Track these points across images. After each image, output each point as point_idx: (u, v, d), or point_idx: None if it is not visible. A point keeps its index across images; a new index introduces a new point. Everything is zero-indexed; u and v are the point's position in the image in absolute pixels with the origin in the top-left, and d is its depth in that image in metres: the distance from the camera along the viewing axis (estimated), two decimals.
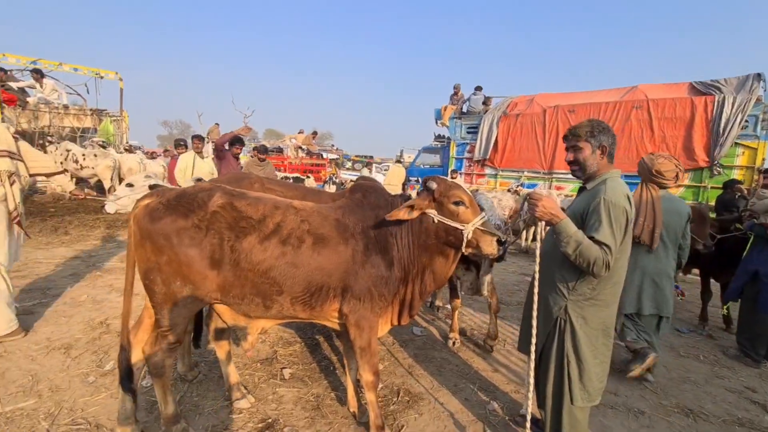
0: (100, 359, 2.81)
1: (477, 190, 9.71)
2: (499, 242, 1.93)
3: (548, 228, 1.83)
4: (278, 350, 3.15)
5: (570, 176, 9.28)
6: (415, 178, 12.76)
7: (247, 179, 2.50)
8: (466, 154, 11.12)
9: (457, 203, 1.95)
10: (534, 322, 1.80)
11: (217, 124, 17.87)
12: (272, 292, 1.86)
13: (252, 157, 6.59)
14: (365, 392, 2.11)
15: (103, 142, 10.17)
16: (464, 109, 11.52)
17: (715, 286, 4.44)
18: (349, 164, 26.95)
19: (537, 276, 1.81)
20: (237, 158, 5.78)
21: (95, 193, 10.37)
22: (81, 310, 3.64)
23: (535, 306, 1.80)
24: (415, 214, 1.96)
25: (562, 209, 1.81)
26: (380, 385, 2.70)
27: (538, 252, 1.81)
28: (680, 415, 2.61)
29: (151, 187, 2.74)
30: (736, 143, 7.42)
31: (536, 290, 1.81)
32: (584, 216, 1.74)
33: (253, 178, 2.54)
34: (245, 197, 1.91)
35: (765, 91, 7.39)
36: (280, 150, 19.42)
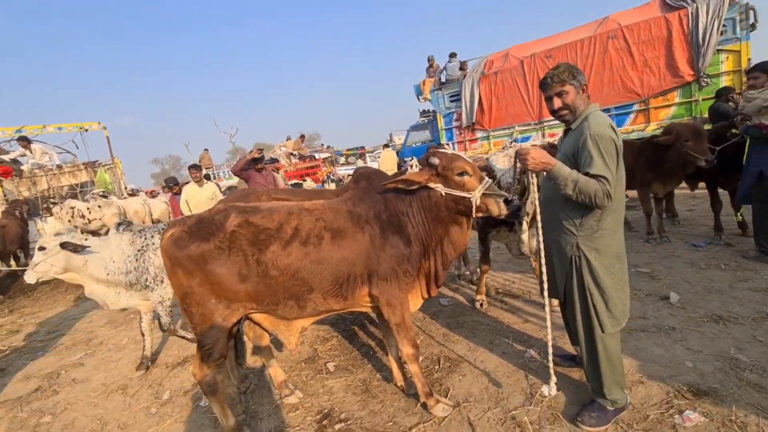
0: (156, 392, 2.97)
1: (511, 143, 9.72)
2: (506, 202, 2.01)
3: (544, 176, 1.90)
4: (318, 347, 3.29)
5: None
6: (410, 158, 12.78)
7: (254, 193, 2.59)
8: (455, 123, 11.07)
9: (461, 174, 2.02)
10: (544, 269, 1.91)
11: (206, 149, 17.97)
12: (304, 292, 1.97)
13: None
14: (408, 365, 2.23)
15: (103, 191, 10.34)
16: (443, 79, 11.44)
17: (724, 194, 4.49)
18: (342, 159, 26.95)
19: (539, 225, 1.91)
20: (260, 172, 5.74)
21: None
22: (126, 352, 3.81)
23: (542, 253, 1.90)
24: (414, 186, 2.04)
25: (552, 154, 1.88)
26: (420, 357, 2.83)
27: (537, 203, 1.91)
28: (710, 323, 2.71)
29: (62, 245, 2.85)
30: (718, 50, 7.30)
31: (541, 238, 1.93)
32: (576, 155, 1.81)
33: (259, 191, 2.63)
34: (259, 211, 2.01)
35: None
36: (274, 160, 19.50)
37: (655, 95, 8.02)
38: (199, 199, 5.67)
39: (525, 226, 3.20)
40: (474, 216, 2.06)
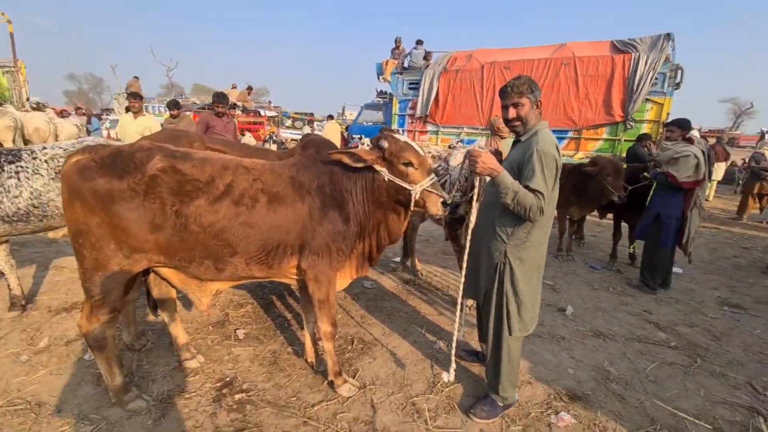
0: (31, 337, 2.62)
1: (457, 143, 9.87)
2: (444, 204, 2.03)
3: (487, 181, 1.96)
4: (230, 312, 3.14)
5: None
6: (358, 136, 12.60)
7: (186, 138, 2.32)
8: (409, 111, 11.11)
9: (406, 164, 1.99)
10: (463, 272, 2.02)
11: (136, 77, 15.97)
12: (225, 254, 1.84)
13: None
14: (323, 342, 2.22)
15: None
16: (405, 64, 11.35)
17: (624, 228, 5.09)
18: (288, 122, 25.75)
19: (471, 227, 1.99)
20: (221, 117, 5.10)
21: None
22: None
23: (466, 255, 2.00)
24: (359, 165, 1.99)
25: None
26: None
27: (474, 211, 1.97)
28: (593, 337, 3.08)
29: None
30: (646, 99, 8.19)
31: (468, 239, 2.01)
32: (520, 166, 1.89)
33: (192, 137, 2.36)
34: (189, 158, 1.81)
35: (673, 50, 8.15)
36: (211, 106, 17.96)
37: (588, 127, 8.78)
38: (128, 131, 5.01)
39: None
40: (411, 210, 2.08)
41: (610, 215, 5.38)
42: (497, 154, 2.76)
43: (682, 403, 2.33)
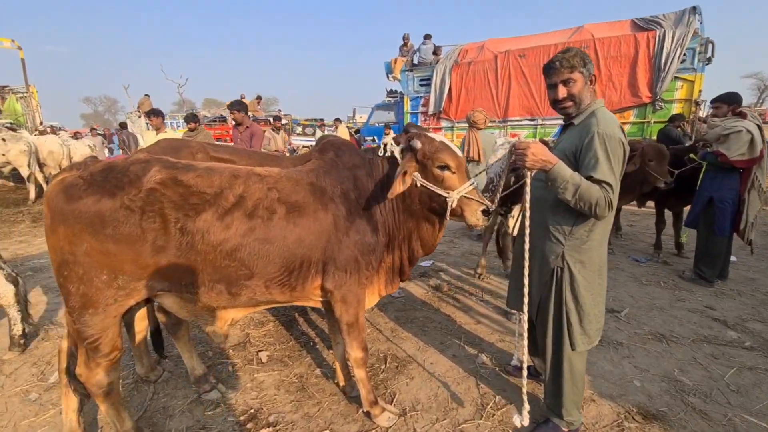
0: (42, 371, 2.45)
1: (506, 138, 9.54)
2: (485, 212, 1.75)
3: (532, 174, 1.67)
4: (250, 333, 2.92)
5: (524, 122, 9.43)
6: (371, 138, 12.38)
7: (187, 148, 2.09)
8: (421, 108, 10.83)
9: (442, 167, 1.72)
10: (526, 281, 1.68)
11: (147, 95, 16.18)
12: (240, 277, 1.59)
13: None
14: (354, 369, 1.96)
15: (11, 123, 8.80)
16: (415, 61, 11.07)
17: (667, 215, 4.68)
18: (299, 129, 25.77)
19: (527, 230, 1.68)
20: (237, 128, 4.99)
21: (12, 184, 9.14)
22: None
23: (526, 263, 1.67)
24: (410, 180, 1.73)
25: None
26: None
27: (528, 204, 1.67)
28: (654, 341, 2.73)
29: None
30: (675, 77, 7.68)
31: (527, 246, 1.68)
32: (577, 154, 1.60)
33: (193, 147, 2.12)
34: (193, 169, 1.58)
35: (701, 23, 7.62)
36: (223, 119, 18.08)
37: (613, 111, 8.31)
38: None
39: (515, 210, 3.09)
40: (447, 218, 1.81)
41: (650, 203, 4.98)
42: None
43: None
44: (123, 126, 12.88)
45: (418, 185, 1.75)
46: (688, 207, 4.10)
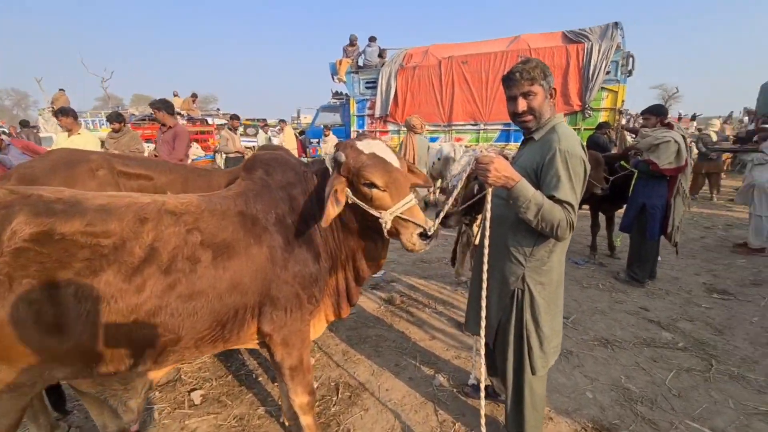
0: None
1: (467, 146, 9.42)
2: (423, 236, 1.52)
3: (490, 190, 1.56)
4: (182, 368, 2.57)
5: (468, 127, 9.67)
6: (317, 140, 12.03)
7: (86, 163, 1.67)
8: (367, 111, 10.71)
9: (368, 185, 1.51)
10: (483, 303, 1.58)
11: (61, 90, 14.43)
12: (165, 343, 1.30)
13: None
14: (300, 416, 1.74)
15: None
16: (360, 63, 10.92)
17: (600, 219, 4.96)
18: (240, 129, 24.54)
19: (486, 250, 1.56)
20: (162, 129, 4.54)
21: None
22: None
23: (484, 285, 1.57)
24: (344, 199, 1.52)
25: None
26: (316, 384, 2.36)
27: (488, 223, 1.56)
28: (600, 347, 2.81)
29: None
30: (601, 88, 8.29)
31: (485, 267, 1.56)
32: (538, 171, 1.53)
33: (94, 162, 1.67)
34: (79, 213, 1.21)
35: (623, 38, 8.29)
36: (153, 118, 16.63)
37: None
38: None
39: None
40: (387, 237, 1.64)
41: (584, 206, 5.26)
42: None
43: (716, 420, 2.09)
44: (24, 124, 11.25)
45: (349, 202, 1.56)
46: (619, 211, 4.37)
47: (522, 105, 1.57)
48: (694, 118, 17.38)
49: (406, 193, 1.53)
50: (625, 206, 4.22)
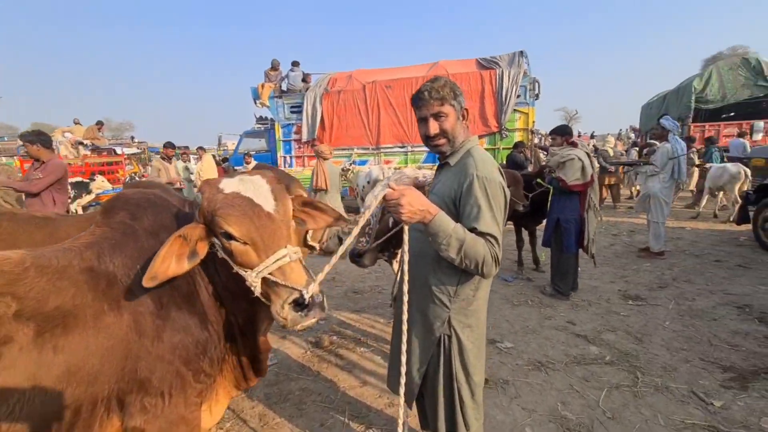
0: None
1: (350, 164, 9.12)
2: (299, 304, 1.13)
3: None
4: None
5: (396, 150, 9.75)
6: (241, 167, 11.37)
7: None
8: (294, 136, 10.41)
9: (225, 235, 1.17)
10: (403, 358, 1.32)
11: None
12: None
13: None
14: None
15: None
16: (284, 87, 10.64)
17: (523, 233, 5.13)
18: (157, 158, 22.67)
19: (406, 297, 1.35)
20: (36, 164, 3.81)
21: None
22: None
23: (404, 338, 1.34)
24: (203, 250, 1.20)
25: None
26: None
27: (406, 267, 1.35)
28: (535, 371, 2.74)
29: None
30: (514, 110, 8.90)
31: (405, 317, 1.33)
32: (456, 201, 1.38)
33: None
34: None
35: (528, 65, 9.03)
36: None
37: None
38: None
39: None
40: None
41: (508, 223, 5.42)
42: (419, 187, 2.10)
43: None
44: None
45: (219, 257, 1.24)
46: (541, 225, 4.53)
47: (434, 127, 1.42)
48: (592, 136, 19.57)
49: (278, 246, 1.17)
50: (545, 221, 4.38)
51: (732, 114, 13.97)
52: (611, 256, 5.63)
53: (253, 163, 9.40)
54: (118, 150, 15.10)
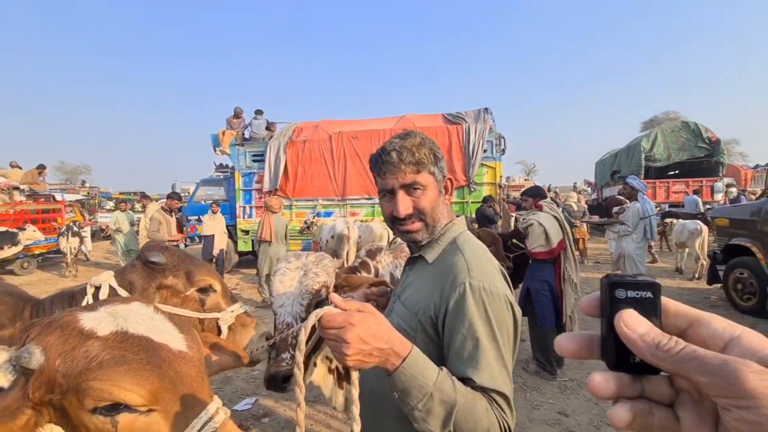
0: None
1: (314, 217, 8.46)
2: None
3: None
4: None
5: (363, 201, 9.40)
6: (196, 217, 10.57)
7: None
8: (255, 185, 9.87)
9: (112, 408, 0.65)
10: None
11: None
12: None
13: None
14: None
15: None
16: (246, 135, 10.26)
17: None
18: (110, 205, 21.22)
19: None
20: None
21: None
22: None
23: None
24: None
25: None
26: None
27: (356, 428, 0.85)
28: None
29: None
30: (482, 164, 8.90)
31: None
32: (436, 321, 0.91)
33: None
34: None
35: (493, 121, 9.20)
36: None
37: None
38: None
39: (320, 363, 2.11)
40: None
41: None
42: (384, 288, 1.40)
43: None
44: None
45: None
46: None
47: (405, 205, 0.98)
48: (549, 189, 20.39)
49: (203, 402, 0.72)
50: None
51: (677, 172, 14.95)
52: (590, 320, 5.31)
53: (219, 214, 8.58)
54: (59, 196, 13.83)
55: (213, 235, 8.11)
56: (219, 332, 1.34)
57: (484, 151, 8.81)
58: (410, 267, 1.12)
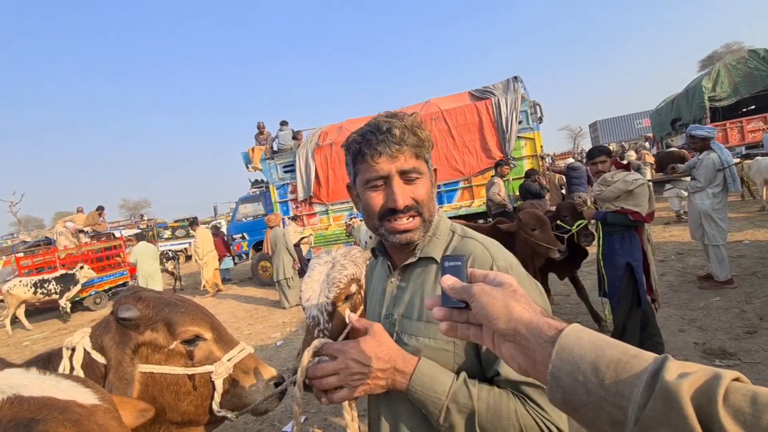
0: None
1: (352, 219, 8.40)
2: None
3: None
4: None
5: None
6: (240, 235, 10.87)
7: None
8: (290, 195, 9.91)
9: None
10: None
11: None
12: None
13: None
14: None
15: None
16: (275, 148, 10.34)
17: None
18: (167, 233, 22.68)
19: None
20: None
21: None
22: None
23: None
24: None
25: None
26: None
27: None
28: None
29: None
30: (518, 137, 8.26)
31: None
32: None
33: None
34: None
35: (525, 89, 8.51)
36: (48, 242, 14.61)
37: (475, 174, 8.52)
38: None
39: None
40: None
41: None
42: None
43: None
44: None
45: None
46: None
47: (404, 195, 0.82)
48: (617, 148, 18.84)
49: None
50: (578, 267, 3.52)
51: (753, 107, 13.13)
52: (668, 291, 4.65)
53: (293, 224, 8.90)
54: (118, 233, 14.85)
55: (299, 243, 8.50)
56: (213, 388, 1.11)
57: (519, 122, 8.17)
58: (400, 277, 0.91)
